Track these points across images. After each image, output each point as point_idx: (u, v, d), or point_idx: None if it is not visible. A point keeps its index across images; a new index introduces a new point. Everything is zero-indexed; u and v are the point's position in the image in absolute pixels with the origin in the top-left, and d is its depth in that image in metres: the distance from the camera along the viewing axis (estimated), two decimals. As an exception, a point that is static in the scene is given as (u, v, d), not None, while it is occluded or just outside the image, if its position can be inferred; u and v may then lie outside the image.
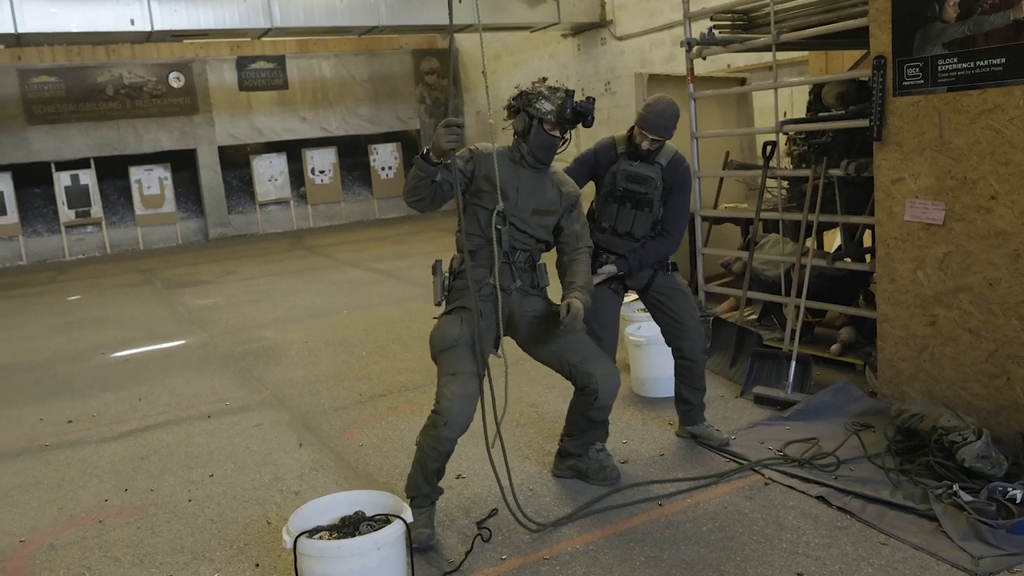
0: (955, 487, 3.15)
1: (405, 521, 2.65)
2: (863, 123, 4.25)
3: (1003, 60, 3.43)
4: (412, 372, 5.65)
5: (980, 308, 3.70)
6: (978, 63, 3.53)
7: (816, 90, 5.63)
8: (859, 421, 4.04)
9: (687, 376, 4.00)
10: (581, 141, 6.82)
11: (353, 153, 17.14)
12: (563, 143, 3.37)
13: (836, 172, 4.63)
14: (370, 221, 16.84)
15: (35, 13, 9.91)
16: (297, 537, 2.54)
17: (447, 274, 3.53)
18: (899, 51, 3.85)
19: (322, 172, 16.61)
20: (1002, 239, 3.56)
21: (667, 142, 3.80)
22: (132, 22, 10.35)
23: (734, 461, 3.77)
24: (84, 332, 7.97)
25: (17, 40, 10.70)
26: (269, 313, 8.20)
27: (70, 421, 5.18)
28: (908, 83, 3.83)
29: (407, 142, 17.55)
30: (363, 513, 2.74)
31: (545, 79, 3.39)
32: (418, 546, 3.07)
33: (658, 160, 3.79)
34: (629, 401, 4.69)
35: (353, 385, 5.47)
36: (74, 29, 10.19)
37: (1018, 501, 3.05)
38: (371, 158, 17.09)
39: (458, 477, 3.83)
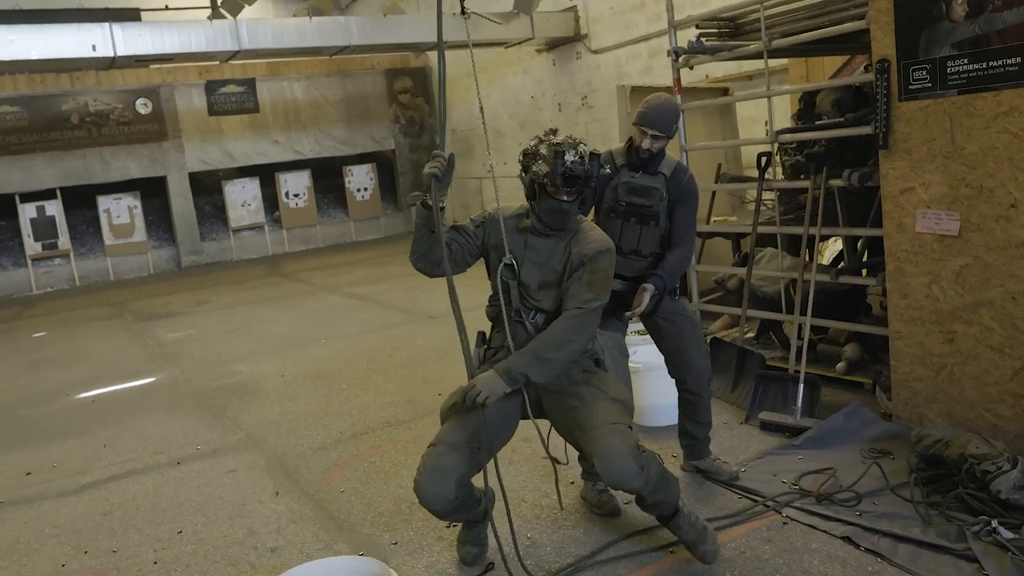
0: (994, 523, 2.90)
1: (393, 592, 2.35)
2: (865, 130, 4.02)
3: (1019, 60, 3.22)
4: (395, 406, 5.34)
5: (1003, 324, 3.46)
6: (991, 63, 3.31)
7: (807, 98, 5.42)
8: (876, 447, 3.79)
9: (691, 410, 3.72)
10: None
11: (327, 175, 16.83)
12: (578, 205, 2.99)
13: (837, 182, 4.40)
14: (347, 244, 16.51)
15: (-9, 41, 9.55)
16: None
17: (484, 347, 3.17)
18: (904, 53, 3.62)
19: (296, 195, 16.28)
20: (1024, 250, 3.33)
21: (668, 154, 3.58)
22: (94, 48, 9.99)
23: (747, 497, 3.50)
24: (49, 371, 7.59)
25: (-26, 69, 10.31)
26: (244, 345, 7.86)
27: (28, 473, 4.82)
28: (915, 87, 3.60)
29: (382, 162, 17.27)
30: (347, 583, 2.44)
31: (555, 131, 2.98)
32: (465, 564, 3.14)
33: (660, 171, 3.55)
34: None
35: (333, 422, 5.15)
36: (34, 56, 9.82)
37: (1062, 536, 2.79)
38: (346, 180, 16.78)
39: (449, 526, 3.52)
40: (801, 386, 4.20)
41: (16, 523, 4.09)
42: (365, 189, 17.00)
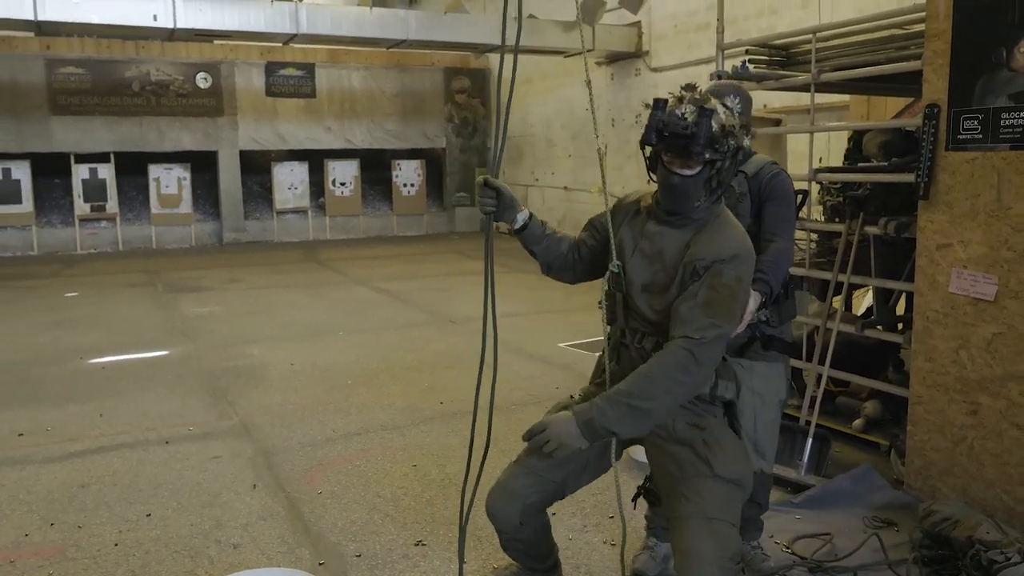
0: (993, 618, 2.65)
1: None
2: (907, 178, 3.78)
3: (1078, 118, 2.97)
4: (394, 409, 5.21)
5: (1032, 401, 3.20)
6: (1048, 120, 3.07)
7: (857, 137, 5.16)
8: (880, 516, 3.54)
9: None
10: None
11: (376, 167, 16.85)
12: (708, 187, 2.30)
13: (872, 230, 4.16)
14: (388, 237, 16.52)
15: (57, 2, 9.72)
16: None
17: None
18: (956, 100, 3.38)
19: (343, 184, 16.35)
20: (1063, 324, 3.07)
21: (759, 154, 3.20)
22: (155, 18, 10.12)
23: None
24: (70, 333, 7.64)
25: (38, 28, 10.51)
26: (264, 328, 7.82)
27: (21, 434, 4.80)
28: (964, 137, 3.37)
29: (431, 160, 17.25)
30: (278, 600, 2.30)
31: (694, 85, 2.33)
32: None
33: (742, 170, 3.10)
34: (625, 467, 4.19)
35: (329, 418, 5.04)
36: (95, 21, 9.98)
37: (1069, 644, 2.54)
38: (394, 173, 16.81)
39: (417, 544, 3.38)
40: (810, 440, 3.97)
41: (-6, 485, 4.05)
42: (412, 184, 17.00)
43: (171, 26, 10.36)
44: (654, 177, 2.37)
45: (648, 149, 2.35)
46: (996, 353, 3.32)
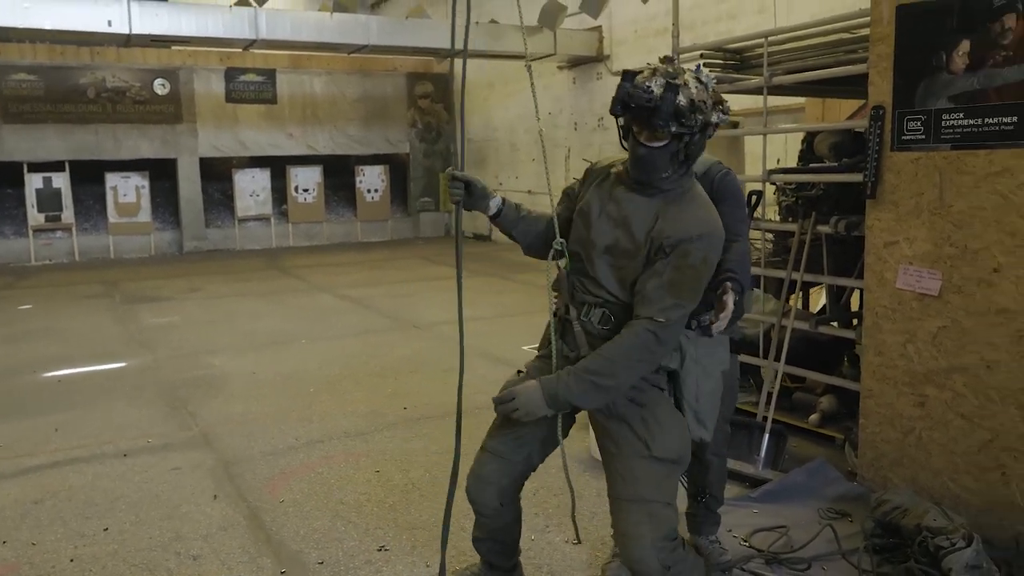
0: (940, 604, 2.73)
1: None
2: (856, 178, 3.87)
3: (1015, 119, 3.06)
4: (358, 416, 5.20)
5: (975, 392, 3.29)
6: (987, 120, 3.16)
7: (810, 139, 5.26)
8: (835, 508, 3.62)
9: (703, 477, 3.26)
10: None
11: (339, 173, 16.77)
12: (675, 160, 2.31)
13: (824, 229, 4.25)
14: (352, 243, 16.45)
15: (7, 6, 9.56)
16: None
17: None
18: (900, 102, 3.47)
19: (306, 191, 16.25)
20: (1004, 317, 3.17)
21: (705, 154, 3.05)
22: (110, 23, 10.00)
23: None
24: (24, 346, 7.50)
25: (-11, 35, 10.32)
26: (224, 337, 7.75)
27: (-26, 450, 4.72)
28: (908, 138, 3.45)
29: (395, 165, 17.21)
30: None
31: (671, 58, 2.43)
32: None
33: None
34: (587, 467, 4.23)
35: (291, 427, 5.02)
36: (47, 26, 9.84)
37: (1013, 627, 2.63)
38: (358, 179, 16.75)
39: (380, 549, 3.38)
40: (766, 436, 4.04)
41: (-54, 502, 3.97)
42: (376, 190, 16.95)
43: (127, 32, 10.24)
44: (626, 145, 2.38)
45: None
46: (941, 346, 3.41)
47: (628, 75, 2.27)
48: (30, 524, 3.70)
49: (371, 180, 16.88)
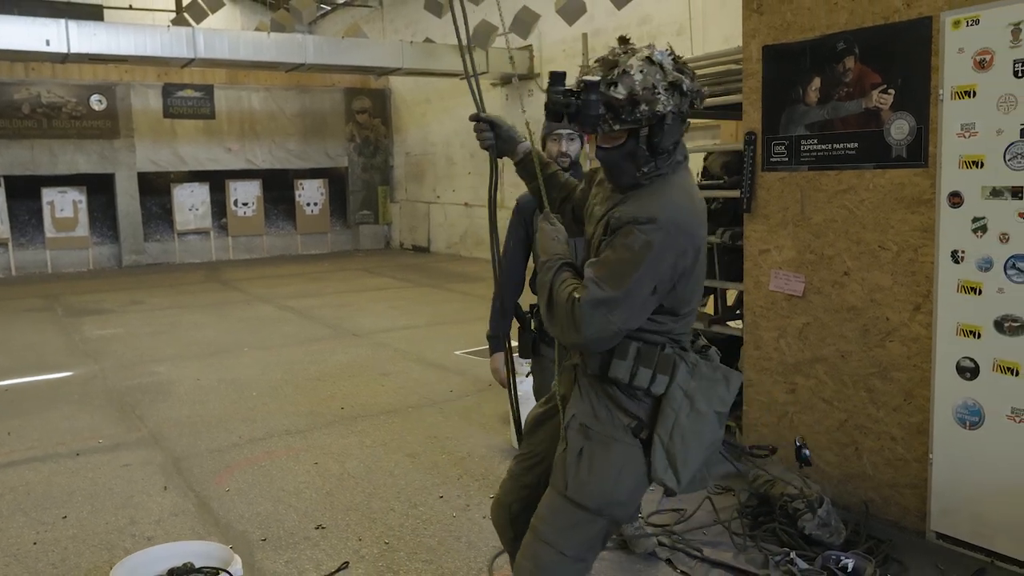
0: (792, 554, 3.24)
1: (231, 575, 2.60)
2: (733, 194, 4.42)
3: (856, 145, 3.63)
4: (298, 416, 5.58)
5: (833, 379, 3.85)
6: (835, 146, 3.73)
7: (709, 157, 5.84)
8: (720, 484, 4.14)
9: None
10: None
11: (278, 187, 17.03)
12: (628, 156, 2.08)
13: (713, 239, 4.79)
14: (292, 256, 16.69)
15: (-56, 26, 9.67)
16: (116, 589, 2.48)
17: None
18: (768, 128, 4.03)
19: (245, 204, 16.47)
20: (853, 314, 3.73)
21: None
22: (47, 43, 10.17)
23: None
24: (-33, 358, 7.67)
25: (-76, 52, 10.39)
26: (168, 347, 8.02)
27: (-72, 454, 4.96)
28: (775, 160, 4.01)
29: (334, 179, 17.52)
30: (192, 565, 2.69)
31: (626, 39, 2.16)
32: None
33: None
34: (509, 455, 4.69)
35: (235, 427, 5.37)
36: (-15, 46, 9.95)
37: (850, 570, 3.15)
38: (297, 193, 17.02)
39: (317, 527, 3.78)
40: (665, 423, 4.54)
41: (-93, 500, 4.24)
42: (315, 204, 17.24)
43: (64, 51, 10.41)
44: None
45: None
46: (806, 340, 3.96)
47: (554, 77, 2.09)
48: (-8, 516, 4.01)
49: (310, 194, 17.16)
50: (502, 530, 2.50)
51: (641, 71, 2.00)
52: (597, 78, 2.02)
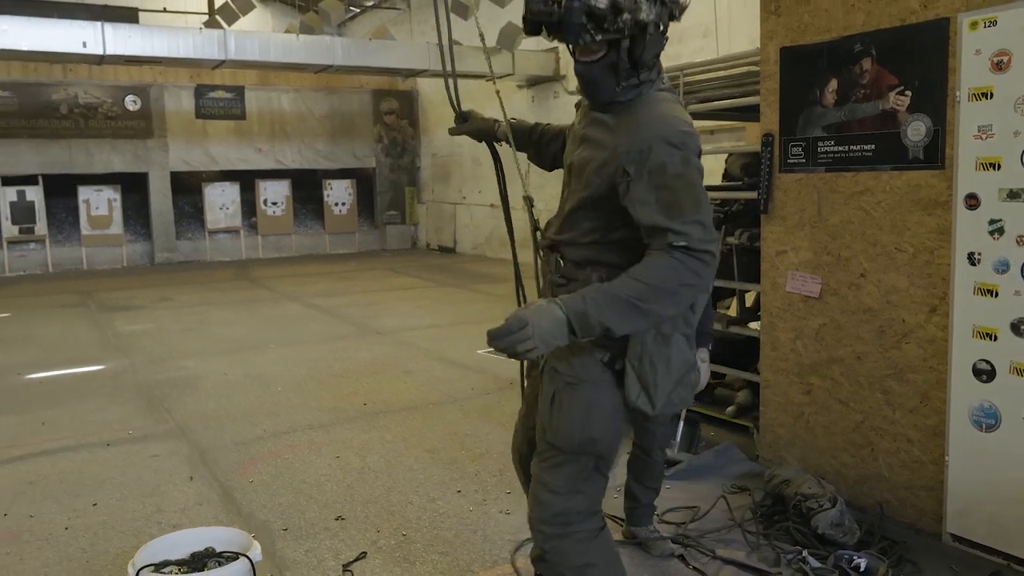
0: (804, 553, 3.27)
1: (251, 559, 2.69)
2: (751, 195, 4.44)
3: (873, 146, 3.65)
4: (321, 411, 5.68)
5: (849, 380, 3.86)
6: (852, 147, 3.74)
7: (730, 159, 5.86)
8: (737, 484, 4.16)
9: (641, 471, 3.52)
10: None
11: (307, 187, 17.23)
12: (607, 69, 2.08)
13: (732, 240, 4.82)
14: (319, 255, 16.88)
15: (-15, 29, 9.94)
16: (140, 570, 2.57)
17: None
18: (785, 130, 4.05)
19: (275, 204, 16.67)
20: (869, 315, 3.74)
21: None
22: (84, 44, 10.40)
23: (616, 520, 3.83)
24: (4, 351, 7.87)
25: (-34, 54, 10.68)
26: (196, 343, 8.17)
27: (-35, 442, 5.13)
28: (792, 161, 4.03)
29: (362, 179, 17.69)
30: (213, 549, 2.78)
31: None
32: None
33: None
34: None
35: (260, 420, 5.48)
36: (24, 47, 10.22)
37: (862, 569, 3.17)
38: (325, 193, 17.21)
39: (337, 519, 3.86)
40: (681, 423, 4.58)
41: (-55, 486, 4.39)
42: (343, 204, 17.41)
43: (100, 52, 10.65)
44: None
45: None
46: (822, 341, 3.98)
47: None
48: (26, 501, 4.14)
49: (338, 194, 17.34)
50: (518, 472, 2.66)
51: None
52: None
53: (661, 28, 2.05)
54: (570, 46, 2.09)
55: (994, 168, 3.19)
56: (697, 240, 1.96)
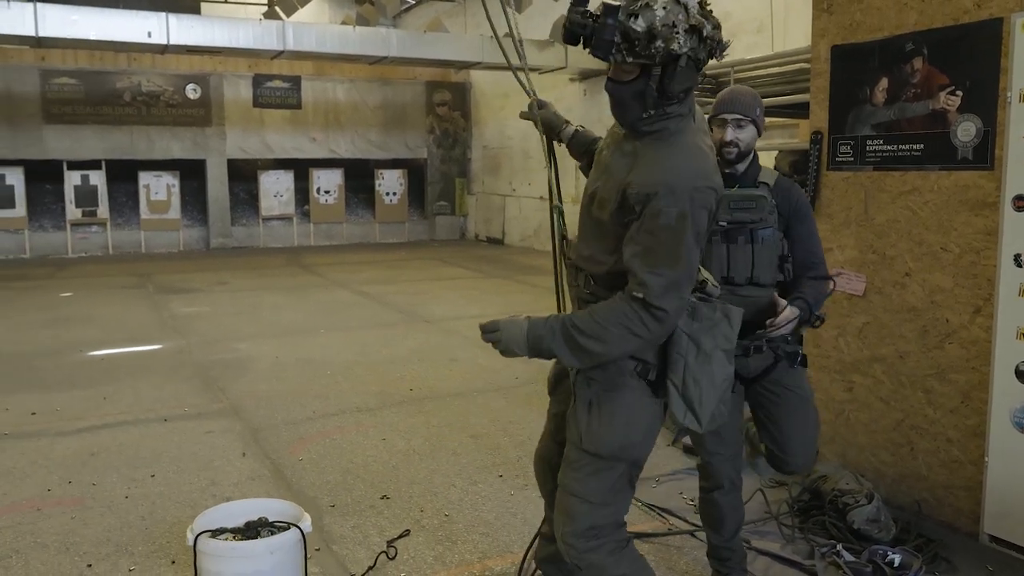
0: (839, 547, 3.30)
1: (302, 530, 2.82)
2: (801, 193, 4.45)
3: (922, 146, 3.64)
4: (369, 395, 5.83)
5: (891, 378, 3.87)
6: (901, 147, 3.74)
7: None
8: (774, 479, 4.19)
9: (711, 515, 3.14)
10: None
11: (359, 176, 17.48)
12: (635, 95, 2.08)
13: (779, 237, 4.83)
14: (370, 244, 17.13)
15: (56, 19, 10.32)
16: (198, 535, 2.72)
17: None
18: (834, 128, 4.06)
19: (327, 192, 16.96)
20: (913, 314, 3.74)
21: (765, 166, 3.02)
22: (149, 35, 10.74)
23: (646, 509, 3.91)
24: (68, 329, 8.20)
25: (38, 43, 11.09)
26: (250, 326, 8.42)
27: (33, 413, 5.38)
28: (840, 159, 4.04)
29: (413, 169, 17.90)
30: (266, 519, 2.92)
31: None
32: None
33: (763, 180, 2.91)
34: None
35: (309, 402, 5.66)
36: (92, 37, 10.59)
37: (896, 565, 3.20)
38: (377, 182, 17.45)
39: (383, 498, 4.00)
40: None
41: (14, 453, 4.63)
42: (394, 193, 17.65)
43: (164, 42, 10.97)
44: None
45: None
46: (865, 339, 3.99)
47: (607, 8, 2.02)
48: (89, 470, 4.36)
49: (390, 183, 17.57)
50: (542, 481, 2.67)
51: (664, 8, 1.97)
52: (618, 3, 2.00)
53: (696, 63, 2.03)
54: (615, 59, 2.07)
55: (1044, 170, 3.18)
56: (654, 294, 2.03)
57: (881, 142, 3.83)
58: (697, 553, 3.45)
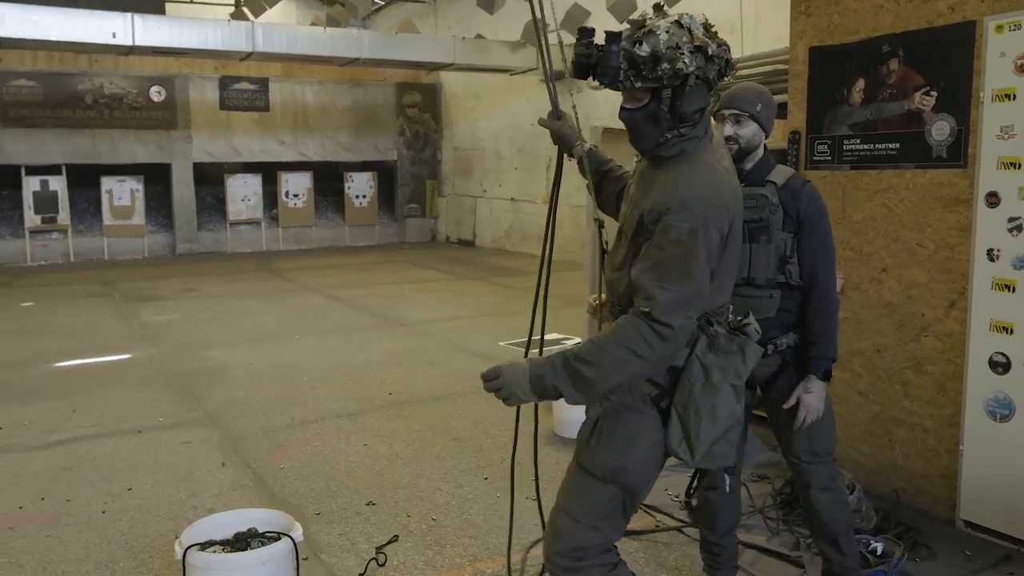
0: (824, 540, 3.34)
1: (293, 539, 2.79)
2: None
3: (898, 145, 3.70)
4: (348, 400, 5.79)
5: (869, 372, 3.93)
6: (877, 146, 3.80)
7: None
8: (756, 472, 4.24)
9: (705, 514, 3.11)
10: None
11: (328, 179, 17.34)
12: (648, 118, 2.09)
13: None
14: (340, 247, 17.00)
15: (16, 19, 10.09)
16: (187, 549, 2.68)
17: None
18: (812, 128, 4.11)
19: (296, 196, 16.81)
20: (889, 309, 3.80)
21: (780, 165, 2.93)
22: (114, 35, 10.54)
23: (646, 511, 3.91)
24: (32, 339, 8.03)
25: (-4, 45, 10.85)
26: (222, 333, 8.31)
27: (0, 428, 5.26)
28: (818, 158, 4.09)
29: (383, 172, 17.80)
30: (256, 530, 2.88)
31: (660, 6, 2.16)
32: None
33: (771, 179, 2.83)
34: (546, 442, 4.83)
35: (288, 409, 5.60)
36: (54, 38, 10.37)
37: (879, 553, 3.25)
38: (346, 185, 17.32)
39: (368, 504, 3.97)
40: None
41: (-15, 468, 4.53)
42: (364, 196, 17.53)
43: (130, 43, 10.78)
44: None
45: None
46: (843, 334, 4.01)
47: (582, 32, 2.08)
48: (63, 485, 4.27)
49: (359, 186, 17.46)
50: None
51: (667, 31, 2.00)
52: (620, 30, 2.05)
53: (706, 83, 2.04)
54: (625, 88, 2.08)
55: (1015, 167, 3.25)
56: (660, 308, 1.96)
57: (858, 141, 3.88)
58: (685, 548, 3.49)
